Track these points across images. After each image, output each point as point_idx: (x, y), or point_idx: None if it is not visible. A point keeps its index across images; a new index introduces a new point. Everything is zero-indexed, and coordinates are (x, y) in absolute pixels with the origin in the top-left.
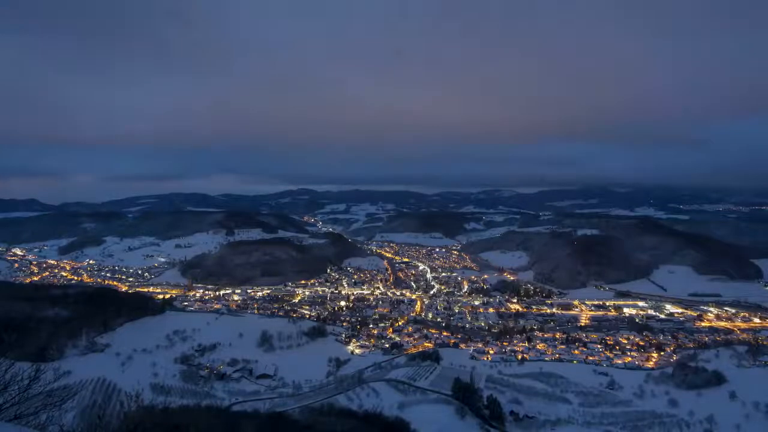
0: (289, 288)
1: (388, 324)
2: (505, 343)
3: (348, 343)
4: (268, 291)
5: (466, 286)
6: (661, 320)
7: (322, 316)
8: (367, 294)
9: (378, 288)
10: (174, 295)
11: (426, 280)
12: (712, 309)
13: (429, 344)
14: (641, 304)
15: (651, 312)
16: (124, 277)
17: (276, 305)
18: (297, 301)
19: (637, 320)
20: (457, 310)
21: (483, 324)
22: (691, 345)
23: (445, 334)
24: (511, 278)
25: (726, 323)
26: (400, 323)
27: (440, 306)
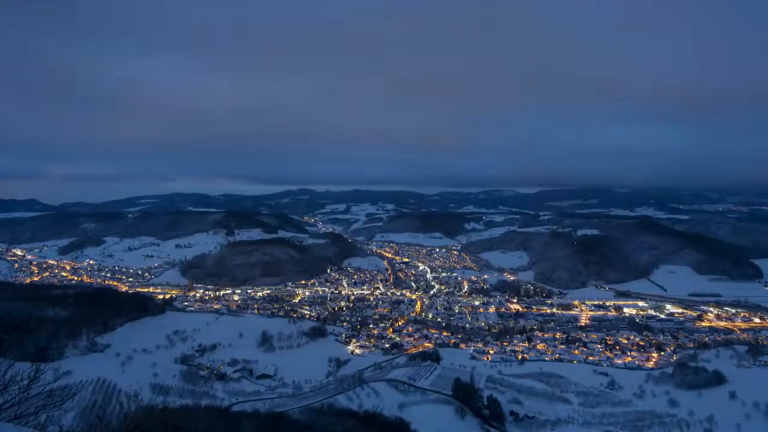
0: (289, 288)
1: (388, 324)
2: (505, 343)
3: (348, 343)
4: (268, 291)
5: (466, 286)
6: (661, 320)
7: (322, 317)
8: (367, 294)
9: (378, 288)
10: (174, 296)
11: (426, 280)
12: (712, 309)
13: (429, 344)
14: (641, 304)
15: (651, 312)
16: (124, 277)
17: (276, 305)
18: (297, 301)
19: (637, 320)
20: (457, 310)
21: (483, 324)
22: (691, 345)
23: (445, 334)
24: (511, 278)
25: (726, 323)
26: (400, 323)
27: (440, 306)
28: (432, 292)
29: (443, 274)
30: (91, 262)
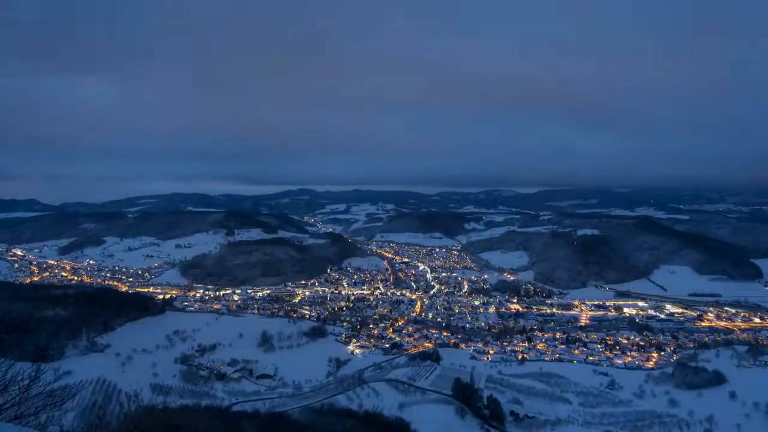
0: (289, 288)
1: (388, 324)
2: (505, 343)
3: (348, 343)
4: (268, 291)
5: (466, 286)
6: (661, 320)
7: (322, 317)
8: (367, 294)
9: (378, 288)
10: (174, 296)
11: (426, 280)
12: (712, 309)
13: (429, 344)
14: (641, 304)
15: (651, 312)
16: (124, 277)
17: (276, 305)
18: (297, 301)
19: (637, 320)
20: (457, 310)
21: (483, 324)
22: (691, 345)
23: (445, 334)
24: (511, 278)
25: (726, 323)
26: (400, 323)
27: (440, 306)
28: (432, 292)
29: (443, 274)
30: (91, 262)
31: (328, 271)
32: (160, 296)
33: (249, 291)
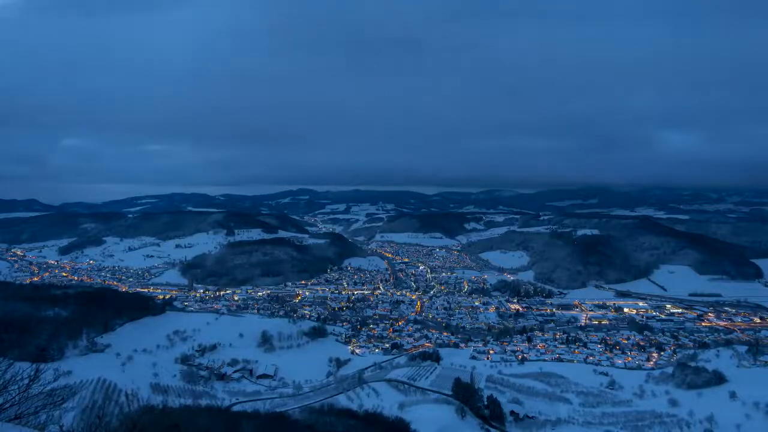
0: (289, 288)
1: (388, 324)
2: (505, 343)
3: (348, 343)
4: (269, 291)
5: (466, 286)
6: (662, 320)
7: (322, 317)
8: (367, 294)
9: (378, 288)
10: (174, 295)
11: (426, 280)
12: (712, 309)
13: (429, 344)
14: (641, 304)
15: (651, 312)
16: (124, 277)
17: (276, 305)
18: (297, 301)
19: (637, 320)
20: (457, 310)
21: (483, 324)
22: (691, 345)
23: (445, 334)
24: (511, 278)
25: (726, 323)
26: (400, 323)
27: (440, 306)
28: (432, 292)
29: (443, 274)
30: (91, 262)
31: (328, 271)
32: (161, 296)
33: (249, 291)
